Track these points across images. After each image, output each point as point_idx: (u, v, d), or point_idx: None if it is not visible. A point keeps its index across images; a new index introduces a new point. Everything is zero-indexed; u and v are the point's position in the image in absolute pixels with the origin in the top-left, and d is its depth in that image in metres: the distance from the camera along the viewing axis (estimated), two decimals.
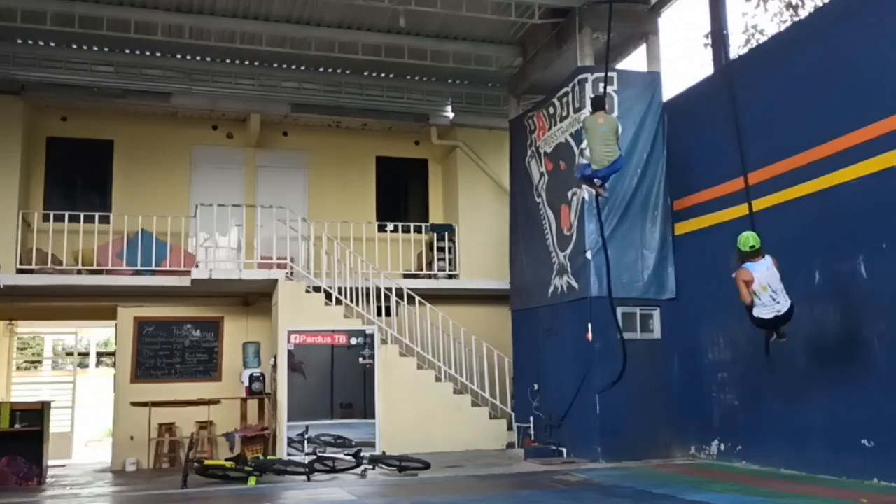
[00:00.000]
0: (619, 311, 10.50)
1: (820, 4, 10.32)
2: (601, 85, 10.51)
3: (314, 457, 10.40)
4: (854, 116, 7.97)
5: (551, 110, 11.90)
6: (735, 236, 9.48)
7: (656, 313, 10.76)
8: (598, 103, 9.61)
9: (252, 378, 12.57)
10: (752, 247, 7.62)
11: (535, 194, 12.37)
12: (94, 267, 12.92)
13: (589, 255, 10.61)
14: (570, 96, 11.31)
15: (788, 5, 15.30)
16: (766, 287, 7.54)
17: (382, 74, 14.87)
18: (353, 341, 11.68)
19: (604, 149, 9.22)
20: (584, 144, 10.22)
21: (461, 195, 15.20)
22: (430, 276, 14.66)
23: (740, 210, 9.47)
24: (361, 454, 10.20)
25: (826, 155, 8.30)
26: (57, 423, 14.49)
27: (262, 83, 14.42)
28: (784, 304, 7.57)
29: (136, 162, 14.40)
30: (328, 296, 12.86)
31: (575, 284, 10.93)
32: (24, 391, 17.53)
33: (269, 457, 10.91)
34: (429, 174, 16.17)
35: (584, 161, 9.92)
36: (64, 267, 12.85)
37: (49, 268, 12.66)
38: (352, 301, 13.03)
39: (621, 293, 10.52)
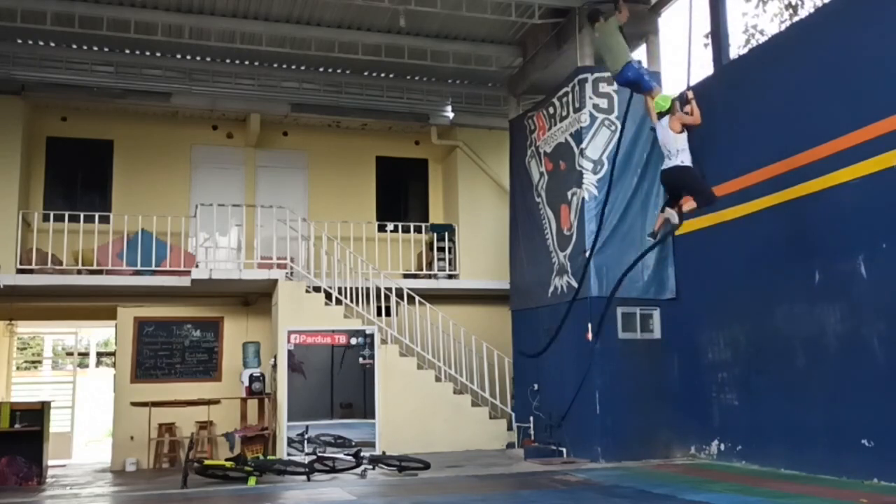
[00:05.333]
0: (620, 310, 10.53)
1: (820, 4, 10.31)
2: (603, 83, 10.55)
3: (314, 457, 10.40)
4: (854, 116, 7.97)
5: (551, 110, 11.90)
6: (735, 236, 9.56)
7: (656, 313, 10.76)
8: (591, 16, 9.84)
9: (252, 378, 12.57)
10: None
11: (535, 194, 12.37)
12: (94, 267, 12.92)
13: (589, 254, 10.60)
14: (570, 96, 11.31)
15: (788, 5, 15.31)
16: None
17: (382, 74, 14.88)
18: (353, 341, 11.68)
19: (608, 56, 9.43)
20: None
21: (461, 195, 15.20)
22: (430, 276, 14.66)
23: (740, 210, 9.49)
24: (361, 454, 10.21)
25: (826, 155, 8.30)
26: (57, 423, 14.51)
27: (262, 83, 14.42)
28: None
29: (136, 162, 14.40)
30: (328, 296, 12.86)
31: (575, 284, 10.92)
32: (24, 391, 17.53)
33: (269, 457, 10.92)
34: (429, 174, 16.17)
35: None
36: (64, 267, 12.85)
37: (49, 268, 12.66)
38: (352, 301, 13.04)
39: (621, 293, 10.53)
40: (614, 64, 9.30)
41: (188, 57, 13.90)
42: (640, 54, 12.17)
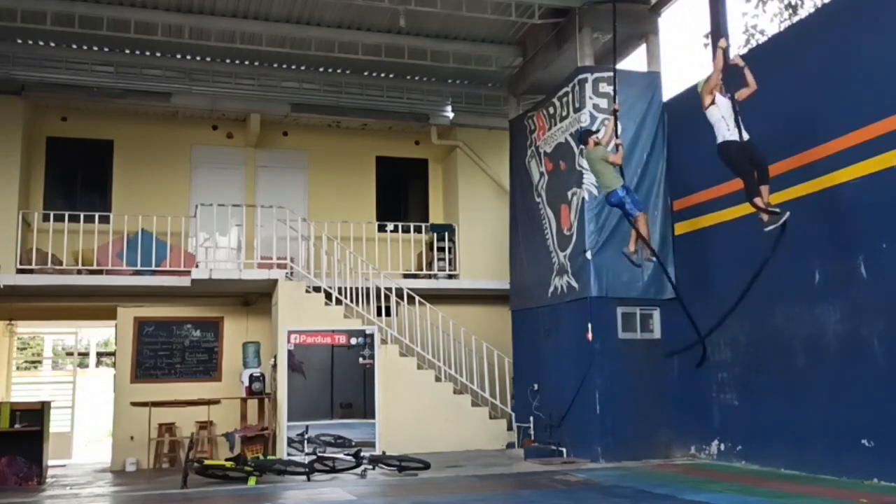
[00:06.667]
0: (619, 310, 10.53)
1: (819, 4, 10.32)
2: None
3: (314, 457, 10.40)
4: (854, 116, 7.97)
5: (551, 110, 11.90)
6: (735, 236, 9.56)
7: (656, 313, 10.76)
8: (581, 138, 9.81)
9: (252, 378, 12.57)
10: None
11: (535, 194, 12.37)
12: (94, 267, 12.92)
13: (589, 255, 10.61)
14: (570, 96, 11.31)
15: (788, 5, 15.32)
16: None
17: (382, 74, 14.88)
18: (353, 341, 11.69)
19: (598, 180, 9.55)
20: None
21: (461, 195, 15.20)
22: (430, 276, 14.65)
23: (740, 210, 9.46)
24: (361, 454, 10.21)
25: (826, 155, 8.30)
26: (57, 423, 14.50)
27: (262, 83, 14.42)
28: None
29: (136, 162, 14.40)
30: (328, 296, 12.86)
31: (575, 284, 10.93)
32: (24, 391, 17.52)
33: (269, 457, 10.92)
34: (429, 174, 16.17)
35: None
36: (64, 267, 12.85)
37: (49, 268, 12.66)
38: (352, 301, 13.03)
39: (621, 293, 10.53)
40: (602, 187, 9.47)
41: (188, 57, 13.90)
42: (639, 54, 12.21)
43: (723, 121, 8.15)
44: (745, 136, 8.05)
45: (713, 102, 8.21)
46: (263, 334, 13.86)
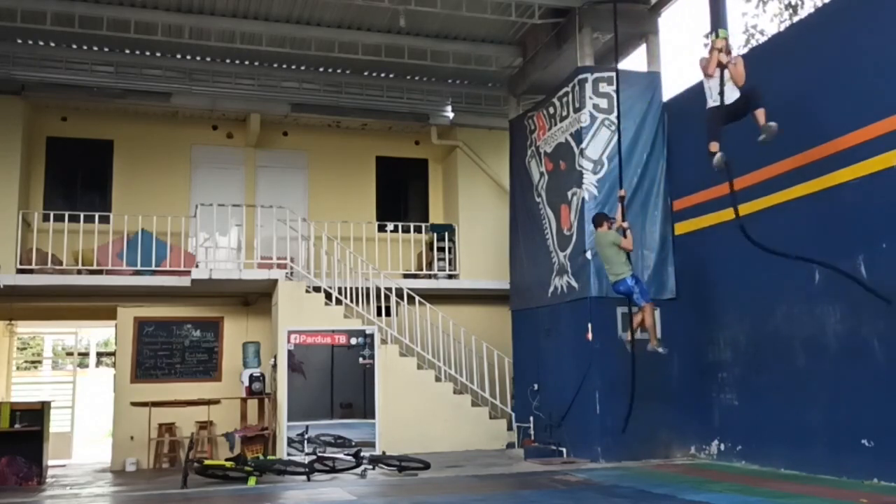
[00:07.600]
0: (619, 310, 10.52)
1: (819, 4, 10.32)
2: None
3: (314, 457, 10.40)
4: (854, 116, 7.97)
5: (551, 110, 11.90)
6: (735, 236, 9.54)
7: (656, 313, 10.71)
8: (596, 221, 9.89)
9: (252, 378, 12.58)
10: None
11: (535, 194, 12.37)
12: (94, 267, 12.92)
13: (589, 255, 10.61)
14: (570, 96, 11.30)
15: (788, 5, 15.33)
16: None
17: (382, 74, 14.88)
18: (353, 341, 11.67)
19: (606, 265, 9.60)
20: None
21: (461, 195, 15.20)
22: (430, 276, 14.66)
23: (740, 210, 9.45)
24: (361, 454, 10.21)
25: (826, 155, 8.29)
26: (57, 423, 14.50)
27: (262, 83, 14.42)
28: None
29: (136, 162, 14.41)
30: (328, 296, 12.86)
31: (575, 284, 10.93)
32: (24, 391, 17.51)
33: (269, 457, 10.92)
34: (429, 174, 16.17)
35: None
36: (64, 267, 12.85)
37: (49, 268, 12.67)
38: (352, 301, 13.03)
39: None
40: (610, 275, 9.55)
41: (188, 57, 13.90)
42: (639, 54, 12.20)
43: (709, 91, 8.51)
44: (731, 99, 8.31)
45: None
46: (263, 334, 13.86)
